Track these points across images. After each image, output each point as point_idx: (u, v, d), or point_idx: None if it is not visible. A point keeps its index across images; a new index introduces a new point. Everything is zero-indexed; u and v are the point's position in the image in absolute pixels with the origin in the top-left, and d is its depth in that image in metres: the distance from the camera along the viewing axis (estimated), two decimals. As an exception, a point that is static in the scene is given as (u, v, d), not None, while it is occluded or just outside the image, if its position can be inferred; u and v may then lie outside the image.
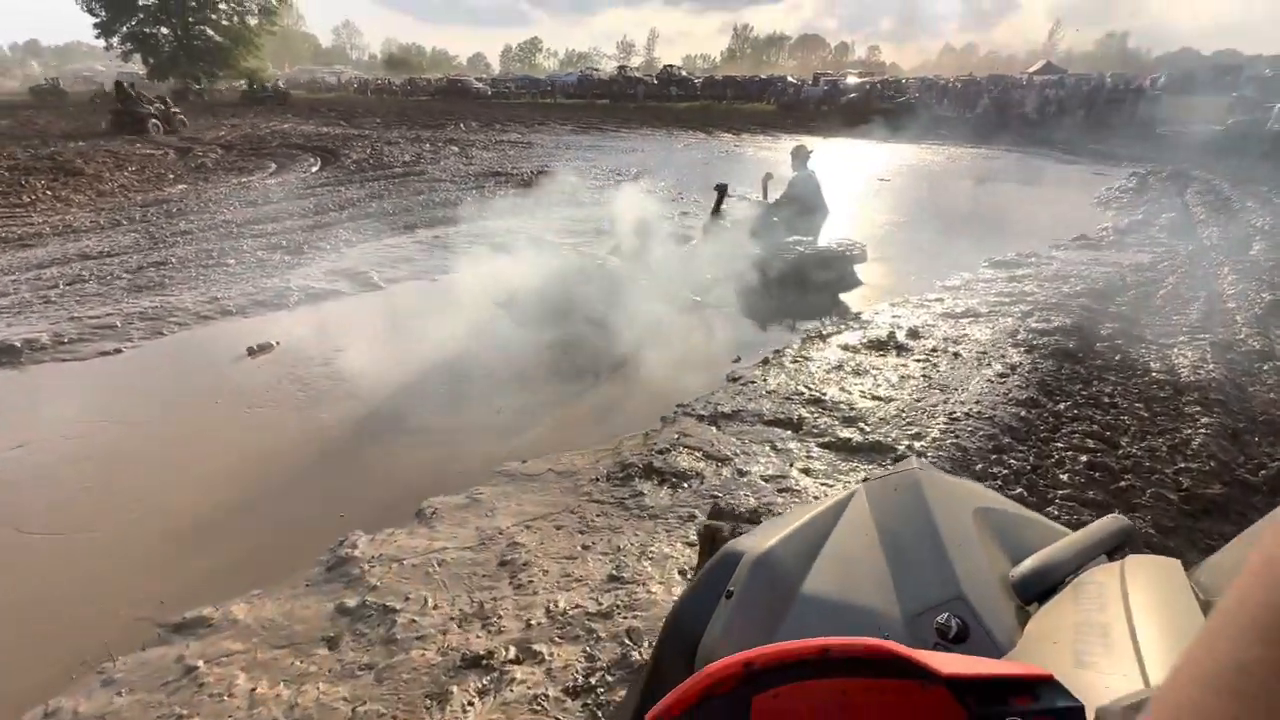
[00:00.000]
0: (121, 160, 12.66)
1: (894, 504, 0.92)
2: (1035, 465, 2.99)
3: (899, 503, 0.92)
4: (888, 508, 0.92)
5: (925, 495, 0.91)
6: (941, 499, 0.92)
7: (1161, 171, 12.58)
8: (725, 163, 14.64)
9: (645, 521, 2.73)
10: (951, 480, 1.00)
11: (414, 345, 4.64)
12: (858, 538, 0.87)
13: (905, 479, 0.97)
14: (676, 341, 4.85)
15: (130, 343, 4.75)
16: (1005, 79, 30.08)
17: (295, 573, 2.56)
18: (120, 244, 7.18)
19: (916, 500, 0.91)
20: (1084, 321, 4.82)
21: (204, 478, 3.20)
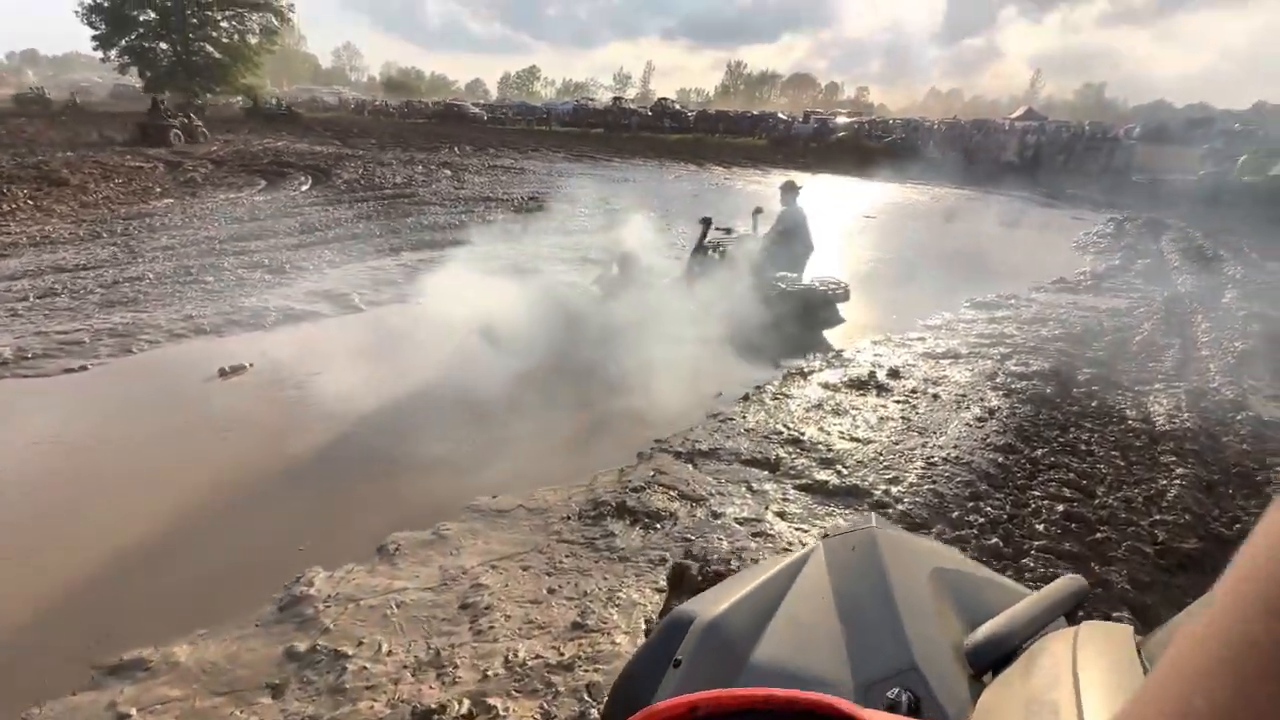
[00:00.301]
0: (109, 171, 12.57)
1: (851, 564, 0.88)
2: (1012, 514, 2.96)
3: (856, 563, 0.88)
4: (844, 568, 0.88)
5: (882, 555, 0.88)
6: (898, 559, 0.88)
7: (1137, 218, 12.94)
8: (715, 195, 14.84)
9: (615, 564, 2.66)
10: (909, 539, 0.96)
11: (390, 371, 4.56)
12: (813, 601, 0.83)
13: (863, 537, 0.93)
14: (657, 375, 4.81)
15: (97, 360, 4.63)
16: (988, 123, 31.03)
17: (246, 611, 2.45)
18: (98, 257, 7.07)
19: (873, 561, 0.87)
20: (1062, 366, 4.86)
21: (159, 505, 3.07)
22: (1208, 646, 0.21)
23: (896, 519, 2.91)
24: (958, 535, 2.77)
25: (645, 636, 1.74)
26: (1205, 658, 0.21)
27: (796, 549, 0.99)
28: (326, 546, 2.82)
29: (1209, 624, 0.22)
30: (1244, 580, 0.21)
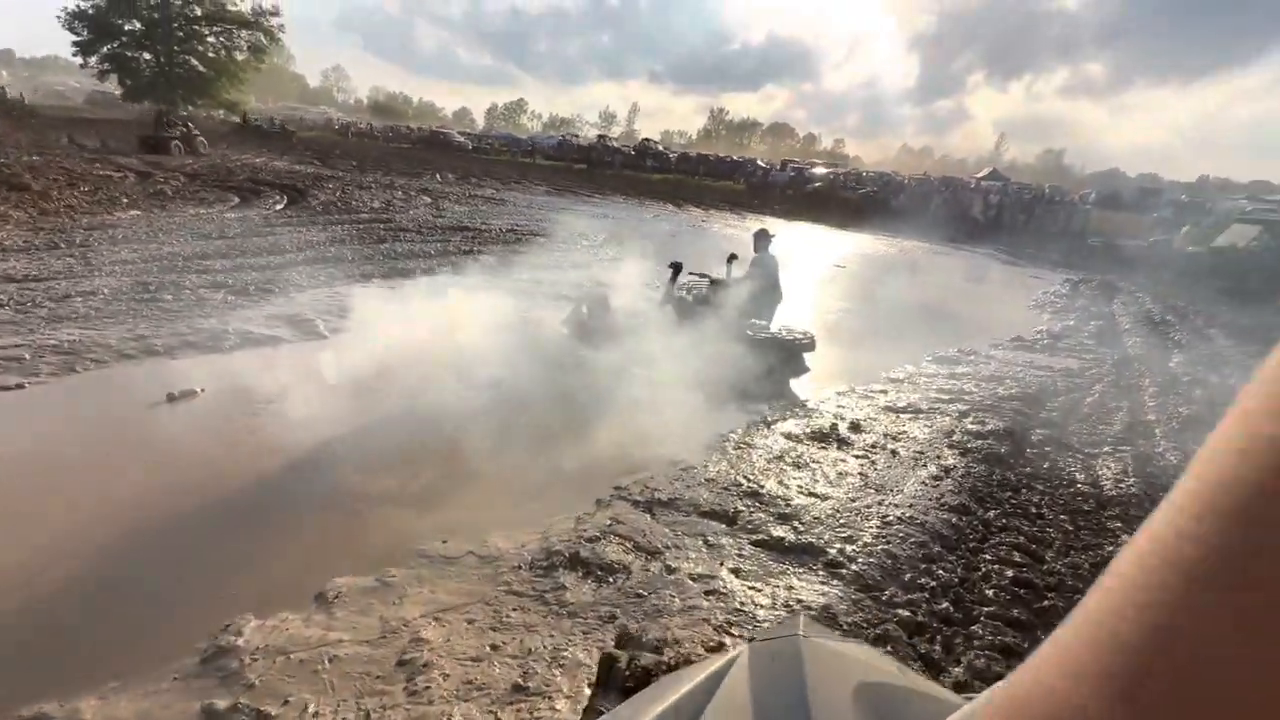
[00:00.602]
0: (75, 179, 12.26)
1: (772, 679, 0.86)
2: (963, 578, 2.98)
3: (777, 677, 0.86)
4: (766, 683, 0.86)
5: (804, 670, 0.86)
6: (821, 673, 0.86)
7: (1092, 280, 13.55)
8: (691, 236, 15.11)
9: (563, 620, 2.58)
10: (836, 648, 0.95)
11: (347, 404, 4.45)
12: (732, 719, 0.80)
13: (787, 647, 0.91)
14: (622, 418, 4.79)
15: (37, 378, 4.42)
16: (955, 181, 32.46)
17: (166, 662, 2.30)
18: (51, 268, 6.83)
19: (794, 676, 0.85)
20: (1016, 426, 4.99)
21: (82, 540, 2.90)
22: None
23: (850, 580, 2.90)
24: (909, 599, 2.77)
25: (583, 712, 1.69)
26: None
27: (728, 649, 0.96)
28: (261, 592, 2.69)
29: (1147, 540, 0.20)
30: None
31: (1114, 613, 0.20)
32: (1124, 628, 0.19)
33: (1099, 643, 0.20)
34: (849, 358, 6.92)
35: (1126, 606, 0.19)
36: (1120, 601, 0.20)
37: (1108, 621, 0.20)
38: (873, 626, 2.60)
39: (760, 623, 2.59)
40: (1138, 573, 0.19)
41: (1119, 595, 0.20)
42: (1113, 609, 0.20)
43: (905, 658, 2.40)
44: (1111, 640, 0.19)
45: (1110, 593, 0.20)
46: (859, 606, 2.73)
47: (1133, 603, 0.19)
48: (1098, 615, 0.20)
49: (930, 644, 2.54)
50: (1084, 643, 0.20)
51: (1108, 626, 0.19)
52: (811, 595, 2.79)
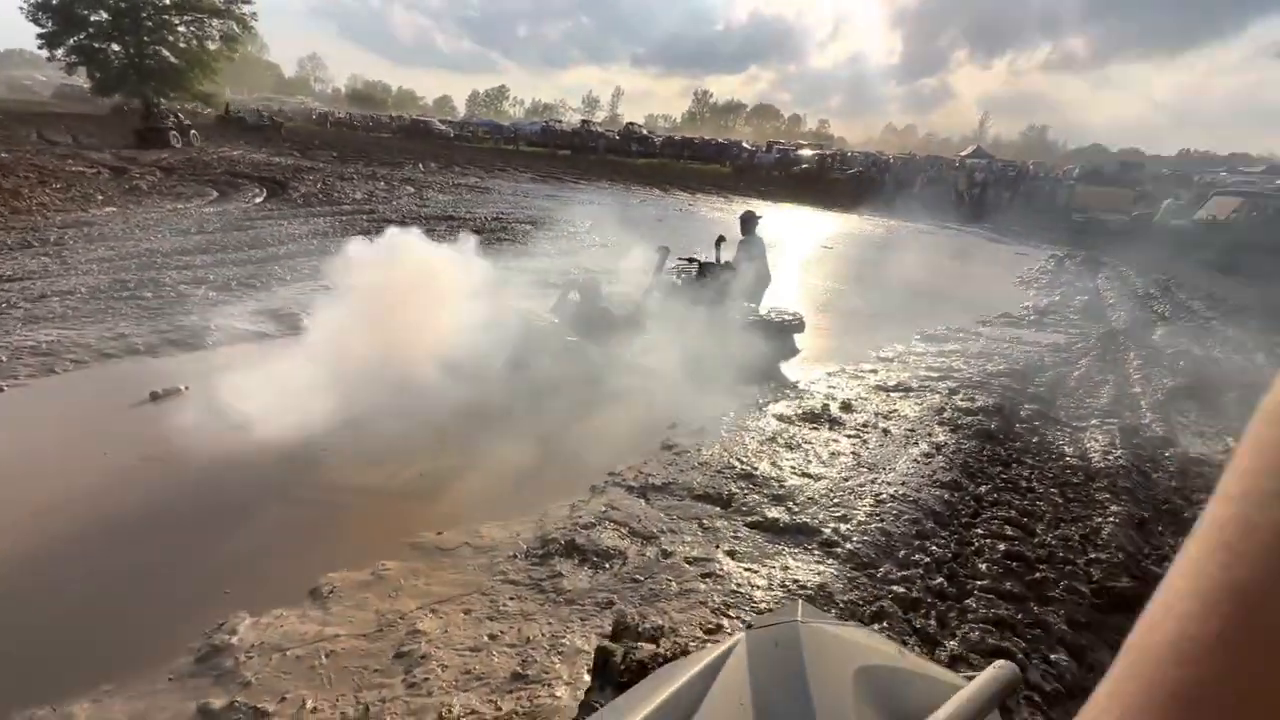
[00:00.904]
0: (46, 176, 11.95)
1: (771, 665, 0.86)
2: (956, 553, 3.01)
3: (776, 663, 0.86)
4: (765, 669, 0.85)
5: (803, 655, 0.85)
6: (821, 658, 0.86)
7: (1076, 255, 13.65)
8: (679, 221, 15.03)
9: (561, 607, 2.58)
10: (834, 632, 0.94)
11: (334, 397, 4.39)
12: (732, 711, 0.79)
13: (786, 633, 0.90)
14: (614, 405, 4.78)
15: (15, 380, 4.33)
16: (941, 160, 32.49)
17: (160, 662, 2.28)
18: (26, 268, 6.67)
19: (793, 662, 0.85)
20: (1005, 402, 5.03)
21: (69, 542, 2.86)
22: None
23: (845, 558, 2.92)
24: (904, 576, 2.80)
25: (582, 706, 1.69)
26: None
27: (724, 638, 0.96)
28: (255, 589, 2.66)
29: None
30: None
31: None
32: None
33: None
34: (839, 338, 6.94)
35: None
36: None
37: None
38: (868, 604, 2.62)
39: (757, 604, 2.60)
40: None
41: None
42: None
43: (901, 634, 2.43)
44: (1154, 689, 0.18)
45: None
46: (854, 584, 2.75)
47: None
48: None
49: (925, 619, 2.57)
50: (1105, 710, 0.19)
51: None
52: (807, 575, 2.80)
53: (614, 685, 1.13)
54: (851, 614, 2.53)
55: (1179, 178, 25.85)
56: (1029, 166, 27.74)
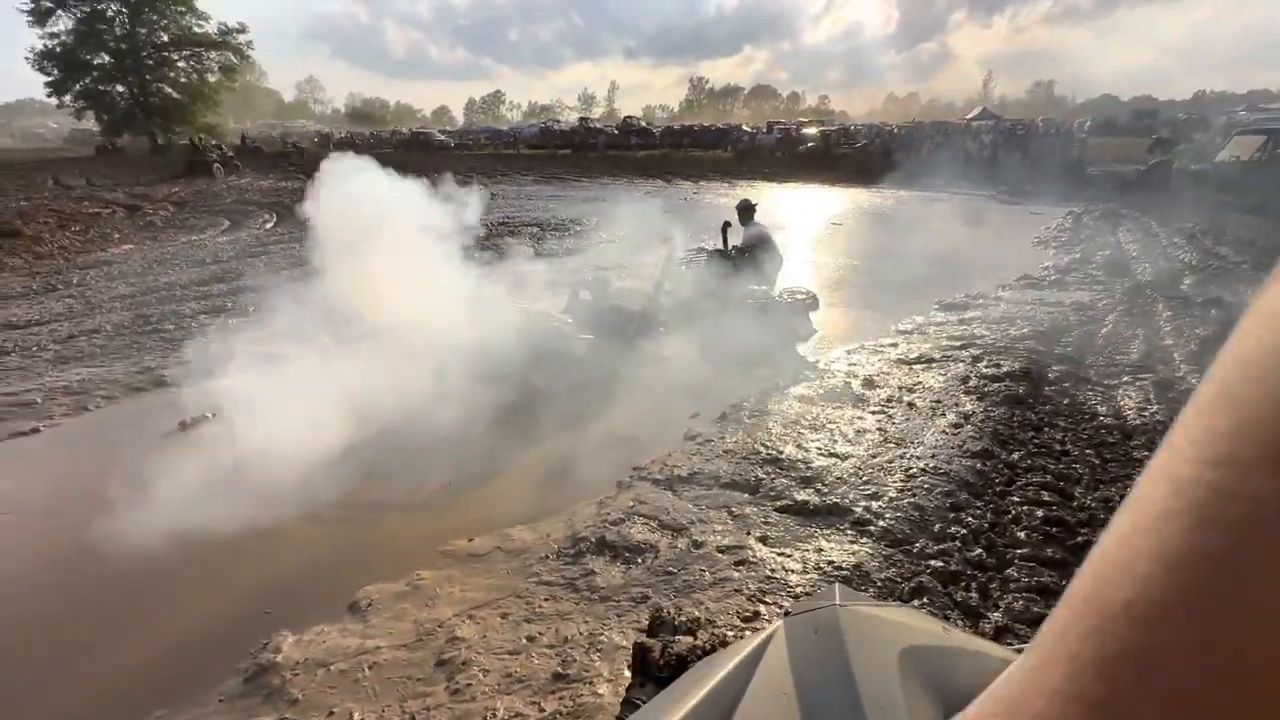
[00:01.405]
0: (65, 219, 12.25)
1: (812, 652, 0.83)
2: (993, 523, 2.95)
3: (818, 650, 0.83)
4: (806, 657, 0.83)
5: (845, 640, 0.83)
6: (863, 642, 0.83)
7: (1094, 210, 13.30)
8: (684, 210, 14.94)
9: (596, 605, 2.58)
10: (875, 613, 0.92)
11: (357, 414, 4.44)
12: (773, 700, 0.78)
13: (825, 617, 0.88)
14: (633, 399, 4.77)
15: (50, 420, 4.45)
16: (946, 124, 31.85)
17: (209, 684, 2.33)
18: (51, 311, 6.85)
19: (835, 647, 0.82)
20: (1032, 365, 4.92)
21: (114, 573, 2.93)
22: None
23: (879, 536, 2.88)
24: (940, 549, 2.75)
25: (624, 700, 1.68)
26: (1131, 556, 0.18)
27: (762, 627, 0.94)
28: (295, 607, 2.71)
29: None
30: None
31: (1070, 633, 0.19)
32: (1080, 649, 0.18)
33: (1063, 661, 0.19)
34: (855, 314, 6.84)
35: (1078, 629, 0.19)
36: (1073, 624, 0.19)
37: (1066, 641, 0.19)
38: (906, 580, 2.58)
39: (793, 588, 2.58)
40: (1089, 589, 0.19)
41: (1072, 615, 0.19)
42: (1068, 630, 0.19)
43: (943, 608, 2.39)
44: (1069, 662, 0.19)
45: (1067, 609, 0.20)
46: (891, 562, 2.71)
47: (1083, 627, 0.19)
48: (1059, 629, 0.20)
49: (966, 592, 2.52)
50: (1049, 660, 0.19)
51: (1065, 646, 0.19)
52: (842, 555, 2.77)
53: (654, 680, 1.11)
54: (890, 592, 2.49)
55: (1196, 121, 25.03)
56: (1038, 124, 27.03)
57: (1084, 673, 0.18)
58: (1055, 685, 0.18)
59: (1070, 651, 0.18)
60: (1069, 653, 0.18)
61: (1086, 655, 0.18)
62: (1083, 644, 0.18)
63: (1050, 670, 0.19)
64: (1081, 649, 0.18)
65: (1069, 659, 0.18)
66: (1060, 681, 0.18)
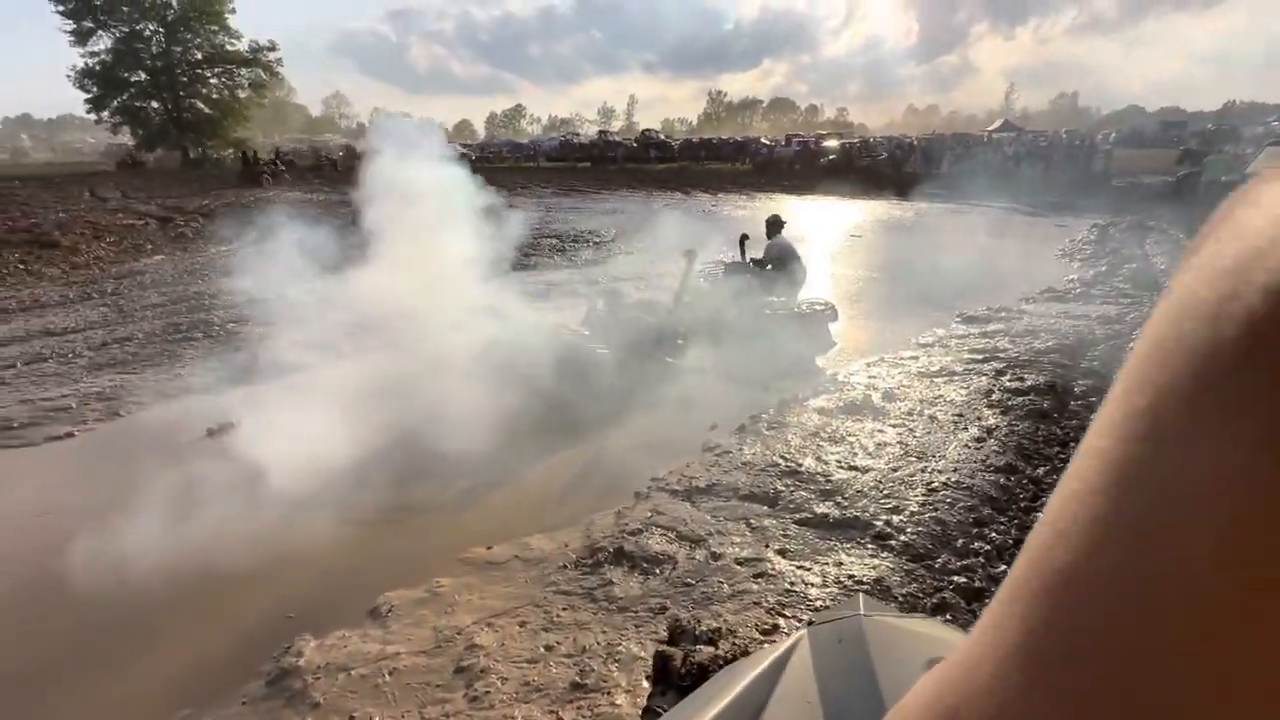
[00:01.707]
0: (100, 231, 12.65)
1: (837, 662, 0.83)
2: (1017, 539, 2.90)
3: (843, 660, 0.83)
4: (831, 667, 0.83)
5: (869, 650, 0.83)
6: (888, 653, 0.83)
7: (1120, 223, 13.07)
8: (702, 223, 14.98)
9: (614, 615, 2.58)
10: (899, 624, 0.91)
11: (377, 421, 4.50)
12: (799, 710, 0.77)
13: (850, 628, 0.88)
14: (651, 411, 4.78)
15: (84, 425, 4.58)
16: (968, 137, 31.63)
17: (233, 686, 2.36)
18: (87, 319, 7.06)
19: (860, 658, 0.82)
20: (1057, 379, 4.83)
21: (140, 575, 2.99)
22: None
23: (900, 550, 2.84)
24: (964, 565, 2.70)
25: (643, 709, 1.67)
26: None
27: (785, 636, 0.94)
28: (316, 612, 2.74)
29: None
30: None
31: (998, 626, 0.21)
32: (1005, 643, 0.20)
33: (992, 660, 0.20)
34: (875, 327, 6.79)
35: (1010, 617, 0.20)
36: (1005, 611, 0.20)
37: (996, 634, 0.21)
38: (929, 596, 2.54)
39: (813, 601, 2.55)
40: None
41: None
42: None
43: (966, 625, 2.34)
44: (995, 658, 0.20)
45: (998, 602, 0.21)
46: (913, 577, 2.67)
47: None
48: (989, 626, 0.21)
49: (990, 609, 2.48)
50: (1006, 619, 0.21)
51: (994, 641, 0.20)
52: (862, 570, 2.73)
53: (675, 689, 1.11)
54: (913, 606, 2.45)
55: (1225, 132, 24.56)
56: (1061, 135, 26.74)
57: (1032, 634, 0.19)
58: (1009, 645, 0.19)
59: (1020, 613, 0.19)
60: (1019, 614, 0.19)
61: (1033, 617, 0.19)
62: (1030, 606, 0.19)
63: (1005, 630, 0.20)
64: (1029, 611, 0.19)
65: (1020, 619, 0.19)
66: (1012, 642, 0.19)
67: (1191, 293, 0.18)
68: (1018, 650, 0.19)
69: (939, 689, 0.23)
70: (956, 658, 0.23)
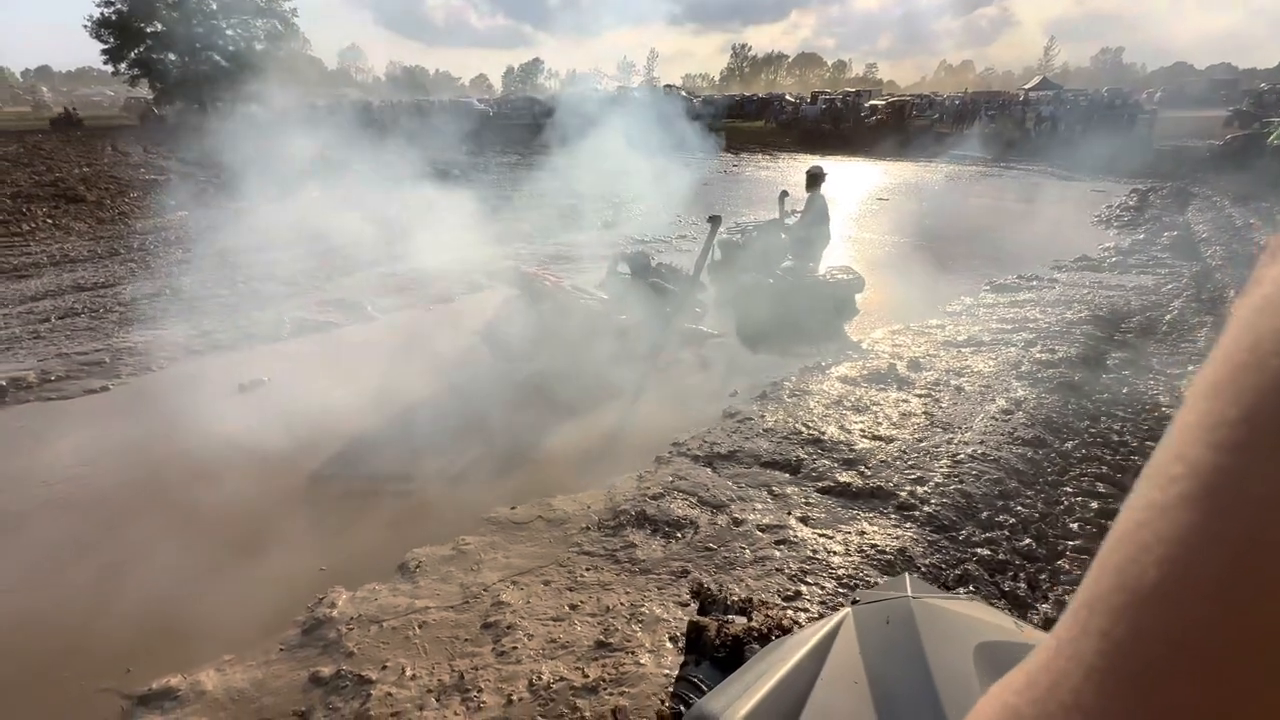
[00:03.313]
0: (124, 186, 12.75)
1: (885, 643, 0.82)
2: (1044, 513, 2.87)
3: (891, 642, 0.82)
4: (878, 648, 0.82)
5: (919, 633, 0.82)
6: (938, 636, 0.82)
7: (1162, 188, 12.54)
8: (724, 183, 14.66)
9: (636, 577, 2.62)
10: (947, 607, 0.90)
11: (404, 382, 4.55)
12: (846, 693, 0.77)
13: (898, 608, 0.87)
14: (673, 374, 4.76)
15: (119, 379, 4.68)
16: (1002, 95, 30.28)
17: (271, 635, 2.46)
18: (115, 274, 7.16)
19: (909, 640, 0.81)
20: (1089, 351, 4.71)
21: (180, 528, 3.10)
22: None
23: (924, 521, 2.83)
24: (987, 538, 2.69)
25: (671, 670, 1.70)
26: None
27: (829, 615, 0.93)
28: (348, 565, 2.82)
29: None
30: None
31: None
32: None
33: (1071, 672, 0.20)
34: (901, 294, 6.65)
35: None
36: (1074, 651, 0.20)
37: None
38: (952, 567, 2.54)
39: (835, 570, 2.57)
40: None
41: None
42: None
43: (989, 597, 2.35)
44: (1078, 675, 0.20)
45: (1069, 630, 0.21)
46: (936, 548, 2.67)
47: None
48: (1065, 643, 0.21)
49: (1014, 581, 2.47)
50: (1083, 634, 0.20)
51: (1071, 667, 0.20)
52: (885, 540, 2.74)
53: (709, 659, 1.12)
54: (935, 578, 2.46)
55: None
56: (1103, 94, 25.44)
57: (1117, 649, 0.18)
58: (1091, 660, 0.19)
59: (1102, 628, 0.19)
60: (1101, 629, 0.19)
61: (1119, 633, 0.18)
62: (1114, 621, 0.18)
63: (1084, 645, 0.19)
64: (1113, 626, 0.18)
65: (1102, 635, 0.18)
66: (1095, 657, 0.18)
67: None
68: (1102, 667, 0.18)
69: (1014, 704, 0.22)
70: (1026, 676, 0.22)
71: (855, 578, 2.52)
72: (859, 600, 0.91)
